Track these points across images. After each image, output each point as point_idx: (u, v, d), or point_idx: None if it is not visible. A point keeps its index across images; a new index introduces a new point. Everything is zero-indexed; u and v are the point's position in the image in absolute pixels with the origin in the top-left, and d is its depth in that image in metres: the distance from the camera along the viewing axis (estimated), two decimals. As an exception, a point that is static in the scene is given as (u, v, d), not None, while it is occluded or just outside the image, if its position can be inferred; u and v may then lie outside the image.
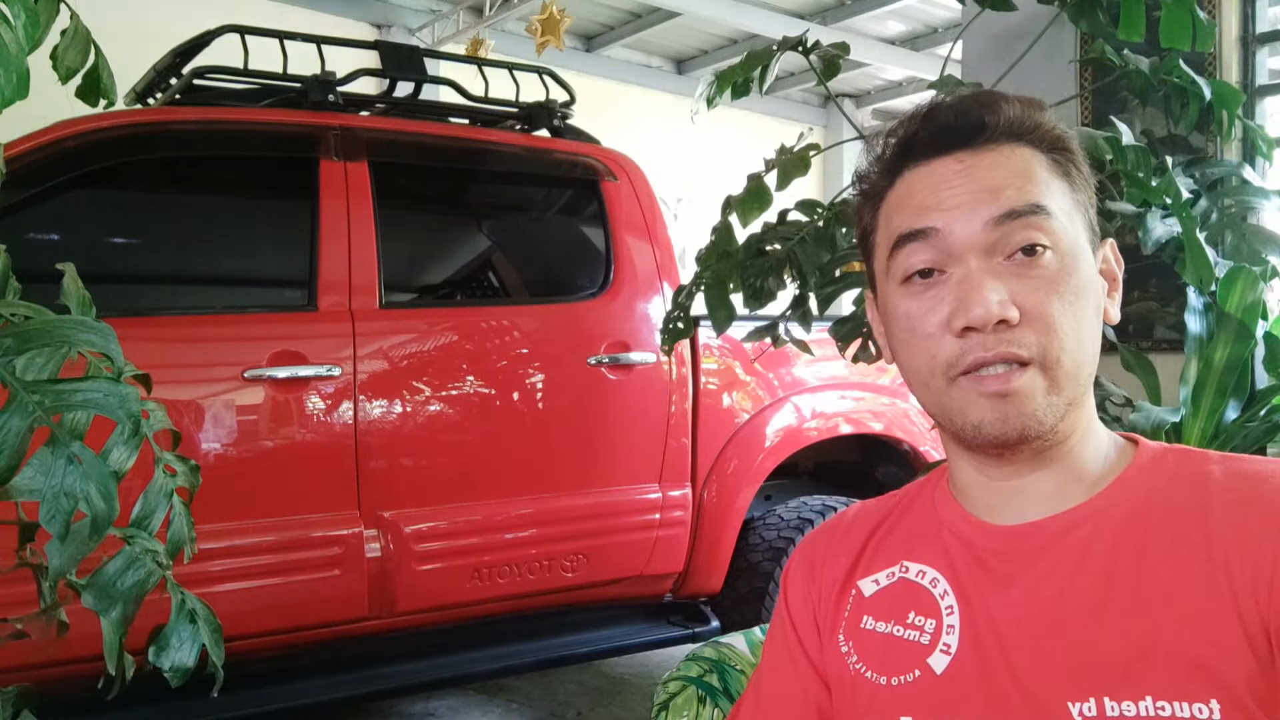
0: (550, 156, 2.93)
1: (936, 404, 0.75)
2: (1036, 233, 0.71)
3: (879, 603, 0.81)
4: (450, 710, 3.09)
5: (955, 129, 0.75)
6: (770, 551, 2.89)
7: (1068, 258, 0.71)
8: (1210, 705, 0.63)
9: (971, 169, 0.73)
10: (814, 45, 1.98)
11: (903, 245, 0.75)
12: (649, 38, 8.46)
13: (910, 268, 0.74)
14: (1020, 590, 0.73)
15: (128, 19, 5.13)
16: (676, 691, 1.04)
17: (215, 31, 2.57)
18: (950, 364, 0.72)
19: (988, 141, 0.74)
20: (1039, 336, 0.69)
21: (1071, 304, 0.71)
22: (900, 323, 0.76)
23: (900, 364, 0.79)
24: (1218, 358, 1.71)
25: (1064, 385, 0.71)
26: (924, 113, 0.77)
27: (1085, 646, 0.68)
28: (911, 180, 0.76)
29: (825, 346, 2.25)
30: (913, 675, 0.75)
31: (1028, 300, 0.70)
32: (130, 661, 1.08)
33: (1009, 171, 0.73)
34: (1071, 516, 0.73)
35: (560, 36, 6.17)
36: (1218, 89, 1.89)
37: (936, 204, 0.73)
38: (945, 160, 0.75)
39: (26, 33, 0.97)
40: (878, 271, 0.80)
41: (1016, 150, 0.74)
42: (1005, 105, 0.75)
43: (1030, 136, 0.75)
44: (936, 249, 0.73)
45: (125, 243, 2.59)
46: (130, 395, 0.92)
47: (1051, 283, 0.70)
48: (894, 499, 0.89)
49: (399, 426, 2.43)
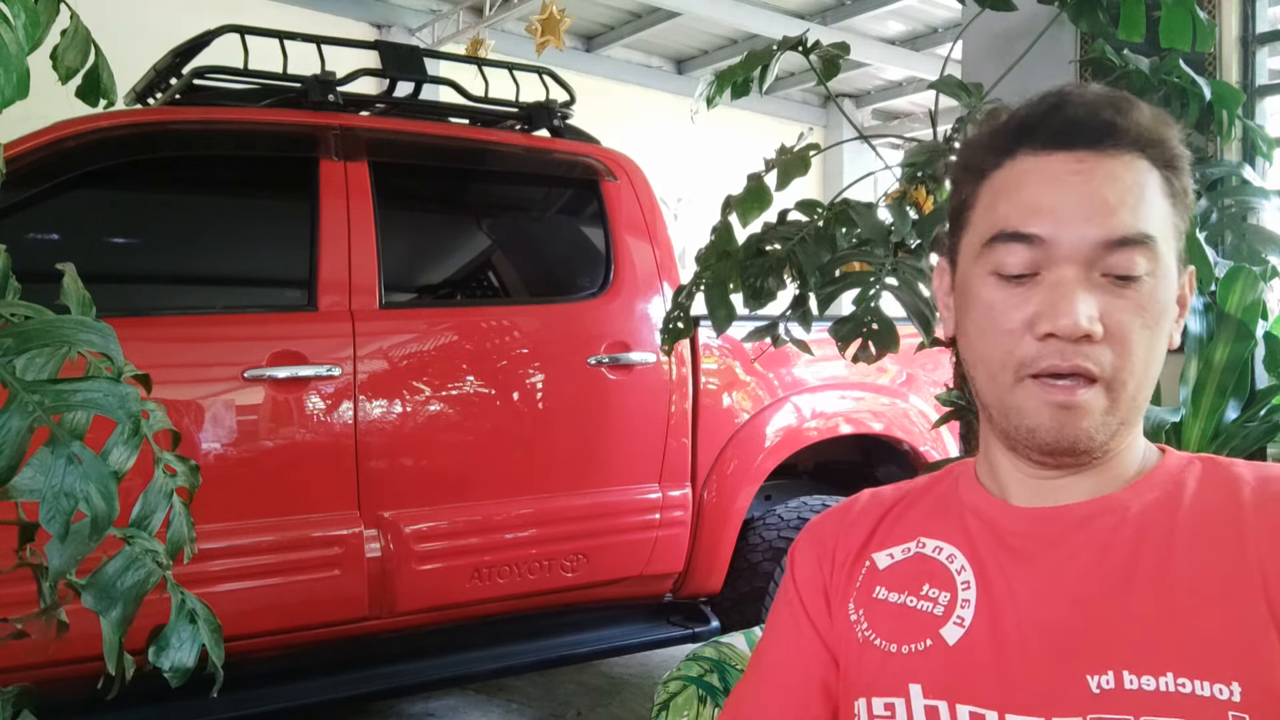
0: (550, 156, 2.93)
1: (997, 398, 0.75)
2: (1142, 259, 0.70)
3: (893, 575, 0.81)
4: (450, 710, 3.09)
5: (1082, 125, 0.72)
6: (770, 551, 2.89)
7: (1160, 285, 0.71)
8: (1231, 687, 0.63)
9: (1090, 174, 0.71)
10: (814, 45, 1.98)
11: (1004, 242, 0.73)
12: (649, 38, 8.46)
13: (1005, 267, 0.73)
14: (1043, 568, 0.73)
15: (128, 19, 5.13)
16: (677, 691, 1.04)
17: (215, 31, 2.57)
18: (1023, 364, 0.71)
19: (1113, 147, 0.72)
20: (1114, 357, 0.70)
21: (1151, 329, 0.71)
22: (980, 310, 0.75)
23: (968, 348, 0.78)
24: (1218, 358, 1.71)
25: (1123, 407, 0.71)
26: (1052, 100, 0.75)
27: (1107, 621, 0.68)
28: (1024, 168, 0.74)
29: (825, 346, 2.24)
30: (924, 644, 0.75)
31: (1114, 321, 0.70)
32: (130, 661, 1.08)
33: (1125, 187, 0.71)
34: (1098, 504, 0.74)
35: (560, 36, 6.16)
36: (1218, 89, 1.89)
37: (1048, 208, 0.71)
38: (1064, 156, 0.72)
39: (26, 33, 0.98)
40: (964, 249, 0.78)
41: (1137, 163, 0.72)
42: (1136, 113, 0.73)
43: (1153, 151, 0.73)
44: (1038, 254, 0.71)
45: (125, 243, 2.59)
46: (130, 395, 0.92)
47: (1140, 308, 0.70)
48: (909, 485, 0.89)
49: (399, 426, 2.43)
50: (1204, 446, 1.72)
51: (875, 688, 0.76)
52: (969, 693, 0.71)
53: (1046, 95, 0.76)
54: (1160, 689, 0.64)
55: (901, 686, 0.74)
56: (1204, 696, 0.63)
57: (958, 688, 0.72)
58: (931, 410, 3.12)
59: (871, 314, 1.74)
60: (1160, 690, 0.64)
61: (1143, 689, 0.65)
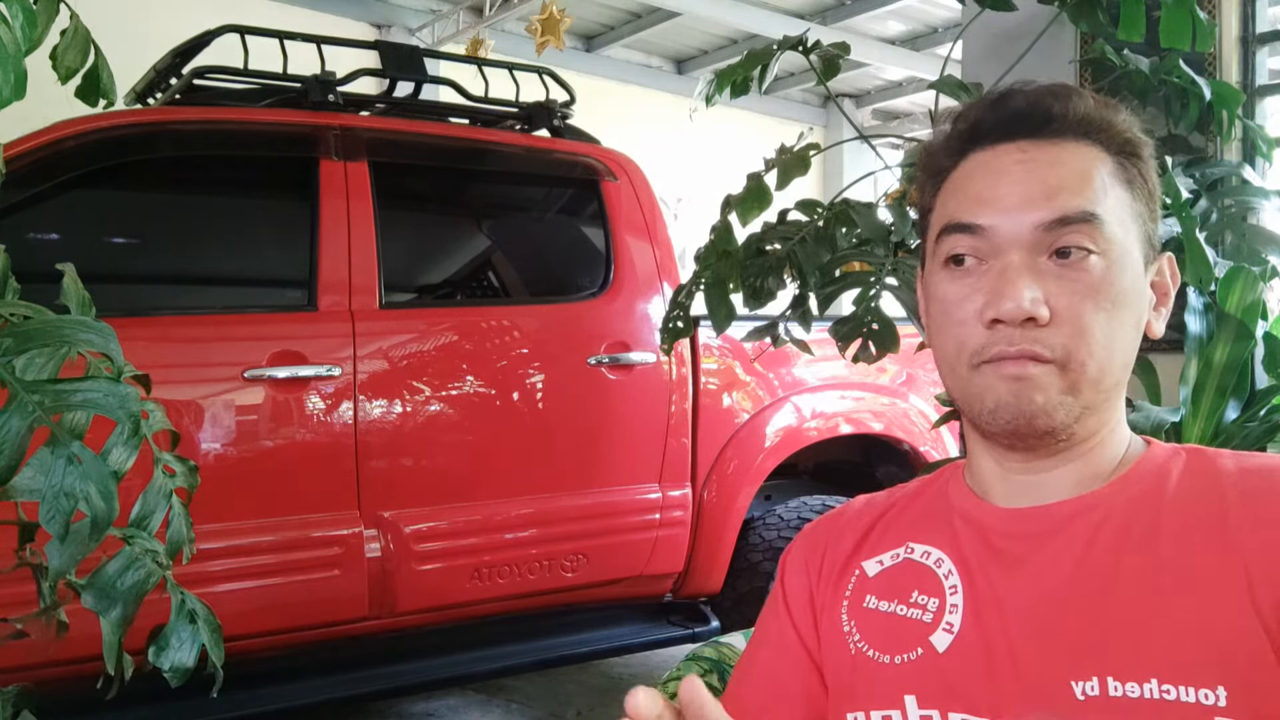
0: (550, 156, 2.93)
1: (960, 390, 0.76)
2: (1084, 238, 0.70)
3: (882, 582, 0.80)
4: (450, 710, 3.09)
5: (1024, 115, 0.74)
6: (770, 551, 2.89)
7: (1114, 266, 0.71)
8: (1217, 691, 0.62)
9: (1032, 161, 0.72)
10: (814, 45, 1.98)
11: (950, 234, 0.75)
12: (649, 38, 8.46)
13: (951, 251, 0.74)
14: (1029, 571, 0.72)
15: (128, 19, 5.13)
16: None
17: (215, 31, 2.57)
18: (975, 352, 0.72)
19: (1054, 134, 0.73)
20: (1066, 339, 0.70)
21: (1108, 311, 0.70)
22: (937, 306, 0.76)
23: (933, 346, 0.79)
24: (1217, 358, 1.71)
25: (1083, 389, 0.71)
26: (995, 97, 0.77)
27: (1091, 626, 0.68)
28: (973, 163, 0.76)
29: (825, 346, 2.25)
30: (915, 653, 0.75)
31: (1062, 302, 0.70)
32: (130, 661, 1.08)
33: (1068, 171, 0.72)
34: (1083, 501, 0.73)
35: (560, 36, 6.16)
36: (1218, 89, 1.89)
37: (991, 198, 0.73)
38: (1008, 147, 0.74)
39: (25, 33, 0.98)
40: (927, 251, 0.80)
41: (1081, 148, 0.73)
42: (1078, 100, 0.74)
43: (1099, 136, 0.73)
44: (980, 242, 0.73)
45: (125, 243, 2.59)
46: (130, 395, 0.92)
47: (1091, 288, 0.70)
48: (901, 490, 0.88)
49: (399, 426, 2.43)
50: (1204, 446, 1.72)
51: (871, 700, 0.76)
52: (961, 700, 0.71)
53: (989, 94, 0.78)
54: (1145, 695, 0.64)
55: (897, 698, 0.74)
56: (1189, 703, 0.62)
57: (949, 696, 0.72)
58: (931, 410, 3.12)
59: (871, 314, 1.74)
60: (1145, 697, 0.64)
61: (1127, 695, 0.64)
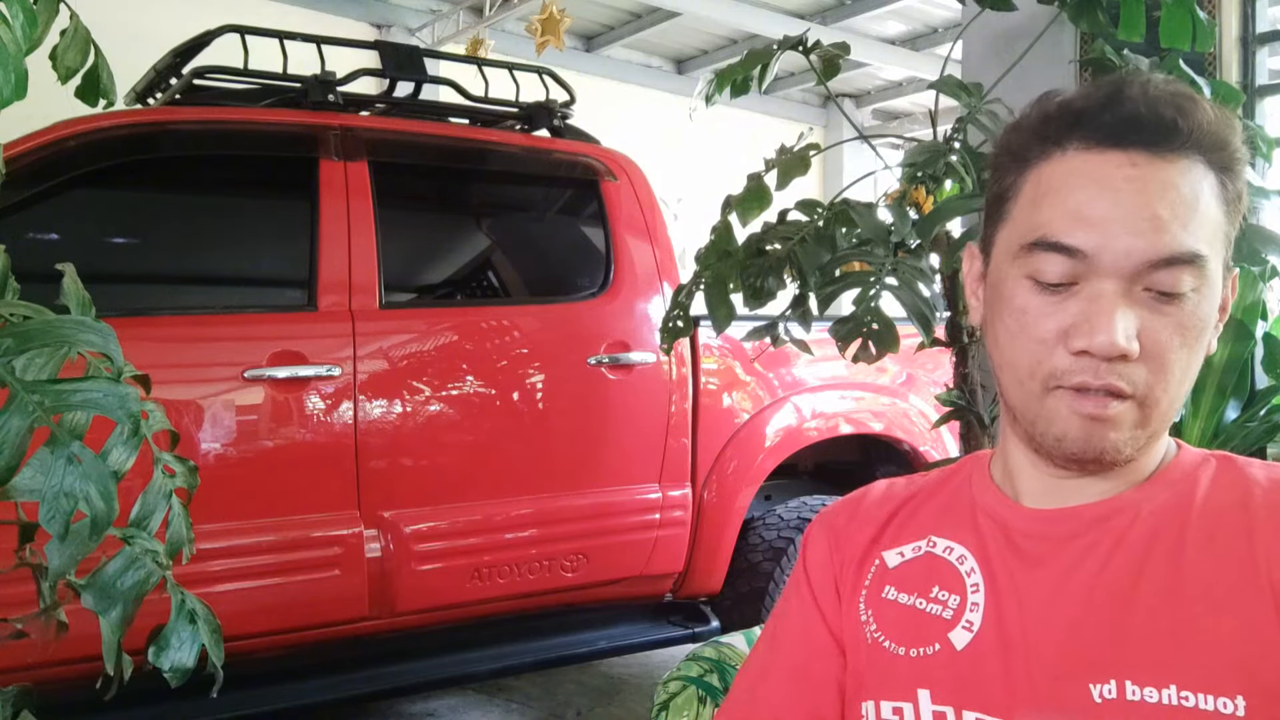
0: (550, 156, 2.93)
1: (1024, 405, 0.72)
2: (1188, 279, 0.66)
3: (903, 575, 0.80)
4: (450, 710, 3.09)
5: (1141, 123, 0.68)
6: (770, 551, 2.89)
7: (1204, 302, 0.68)
8: (1236, 701, 0.62)
9: (1144, 180, 0.67)
10: (814, 45, 1.98)
11: (1043, 251, 0.69)
12: (649, 38, 8.46)
13: (1043, 275, 0.69)
14: (1051, 573, 0.72)
15: (128, 19, 5.13)
16: (676, 691, 1.04)
17: (215, 32, 2.57)
18: (1053, 375, 0.69)
19: (1170, 150, 0.67)
20: (1149, 375, 0.67)
21: (1190, 347, 0.68)
22: (1013, 314, 0.72)
23: (996, 348, 0.75)
24: (1218, 358, 1.71)
25: (1154, 422, 0.69)
26: (1110, 91, 0.70)
27: (1112, 629, 0.67)
28: (1073, 165, 0.69)
29: (825, 346, 2.24)
30: (933, 649, 0.74)
31: (1152, 340, 0.67)
32: (129, 661, 1.08)
33: (1178, 198, 0.66)
34: (1109, 505, 0.72)
35: (560, 36, 6.16)
36: (1218, 89, 1.89)
37: (1095, 218, 0.67)
38: (1117, 157, 0.68)
39: (25, 33, 0.98)
40: (1001, 243, 0.74)
41: (1194, 168, 0.68)
42: (1200, 113, 0.68)
43: (1213, 155, 0.68)
44: (1079, 265, 0.68)
45: (125, 243, 2.59)
46: (130, 395, 0.92)
47: (1181, 327, 0.67)
48: (922, 478, 0.87)
49: (399, 426, 2.43)
50: (1204, 446, 1.72)
51: (884, 691, 0.75)
52: (976, 699, 0.71)
53: (1103, 84, 0.71)
54: (1163, 701, 0.63)
55: (910, 691, 0.74)
56: (1207, 710, 0.62)
57: (965, 693, 0.71)
58: (931, 410, 3.12)
59: (871, 314, 1.74)
60: (1163, 703, 0.63)
61: (1145, 700, 0.64)
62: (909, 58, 8.56)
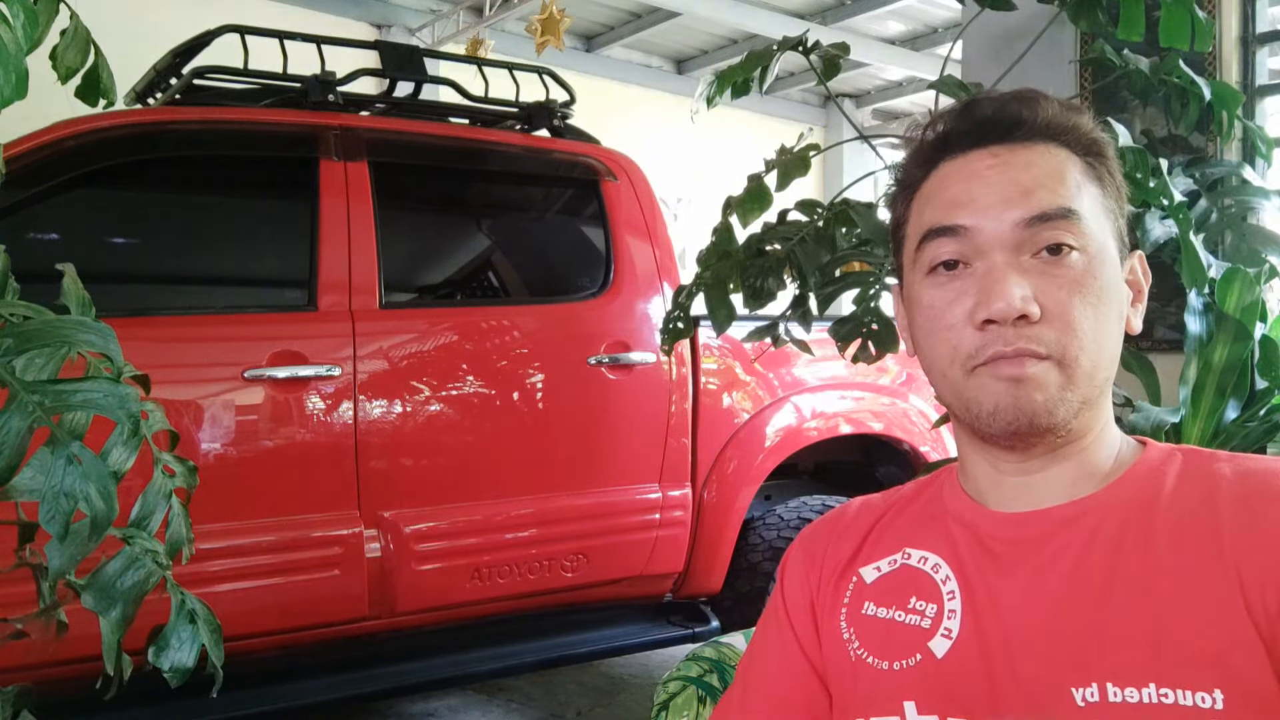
0: (550, 156, 2.93)
1: (954, 394, 0.76)
2: (1065, 234, 0.71)
3: (880, 589, 0.81)
4: (450, 710, 3.09)
5: (992, 122, 0.76)
6: (770, 551, 2.89)
7: (1094, 260, 0.72)
8: (1214, 695, 0.63)
9: (1005, 164, 0.74)
10: (814, 45, 1.98)
11: (931, 239, 0.75)
12: (649, 38, 8.46)
13: (936, 259, 0.75)
14: (1024, 575, 0.73)
15: (128, 19, 5.13)
16: (676, 691, 1.04)
17: (215, 31, 2.57)
18: (970, 355, 0.73)
19: (1024, 138, 0.75)
20: (1058, 334, 0.70)
21: (1094, 306, 0.71)
22: (924, 313, 0.76)
23: (921, 354, 0.79)
24: (1217, 358, 1.71)
25: (1079, 383, 0.71)
26: (963, 107, 0.78)
27: (1089, 631, 0.68)
28: (945, 172, 0.77)
29: (825, 346, 2.25)
30: (914, 659, 0.75)
31: (1050, 299, 0.70)
32: (129, 661, 1.08)
33: (1041, 171, 0.73)
34: (1078, 505, 0.74)
35: (560, 36, 6.17)
36: (1218, 89, 1.89)
37: (968, 200, 0.74)
38: (980, 153, 0.75)
39: (25, 33, 0.98)
40: (905, 262, 0.81)
41: (1051, 150, 0.75)
42: (1044, 104, 0.76)
43: (1066, 137, 0.75)
44: (964, 244, 0.74)
45: (125, 243, 2.59)
46: (130, 395, 0.92)
47: (1075, 283, 0.71)
48: (897, 493, 0.88)
49: (399, 426, 2.43)
50: (1204, 446, 1.72)
51: (871, 707, 0.76)
52: (959, 706, 0.71)
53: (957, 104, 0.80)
54: (1144, 700, 0.64)
55: (896, 704, 0.74)
56: (1187, 706, 0.63)
57: (948, 701, 0.72)
58: (931, 410, 3.12)
59: (871, 314, 1.74)
60: (1144, 702, 0.64)
61: (1126, 701, 0.64)
62: (909, 58, 8.56)
